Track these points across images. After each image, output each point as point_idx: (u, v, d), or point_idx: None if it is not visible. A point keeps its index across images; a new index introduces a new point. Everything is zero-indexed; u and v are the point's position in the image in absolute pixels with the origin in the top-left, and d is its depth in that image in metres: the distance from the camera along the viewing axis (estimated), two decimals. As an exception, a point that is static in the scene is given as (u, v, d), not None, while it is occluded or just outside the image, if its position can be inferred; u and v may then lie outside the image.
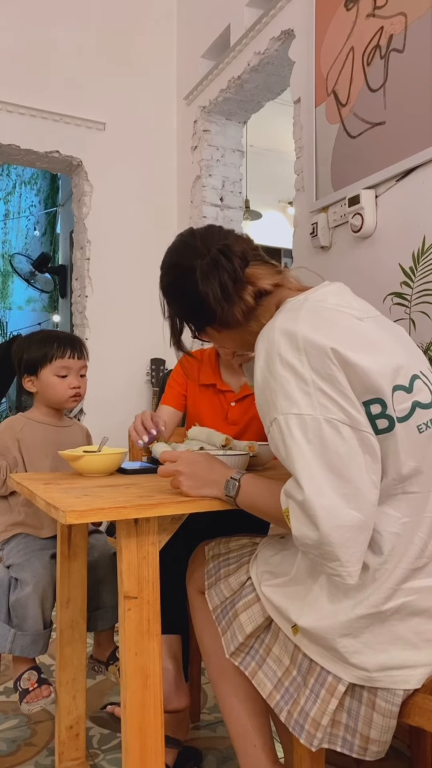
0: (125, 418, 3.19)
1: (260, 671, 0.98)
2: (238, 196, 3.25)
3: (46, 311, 7.55)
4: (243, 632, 1.00)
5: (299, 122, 2.34)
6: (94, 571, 1.46)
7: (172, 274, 1.11)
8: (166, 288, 1.13)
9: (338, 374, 0.84)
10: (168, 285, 1.12)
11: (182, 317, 1.13)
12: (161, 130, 3.41)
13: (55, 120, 3.12)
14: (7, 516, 1.55)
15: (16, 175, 7.31)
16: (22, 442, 1.56)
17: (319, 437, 0.82)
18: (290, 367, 0.85)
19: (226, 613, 1.05)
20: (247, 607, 1.02)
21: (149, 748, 0.97)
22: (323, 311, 0.93)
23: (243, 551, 1.12)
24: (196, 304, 1.05)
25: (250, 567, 1.06)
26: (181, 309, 1.11)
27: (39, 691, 1.37)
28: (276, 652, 0.98)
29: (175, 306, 1.12)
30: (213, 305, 1.03)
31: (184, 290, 1.07)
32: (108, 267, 3.25)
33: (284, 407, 0.85)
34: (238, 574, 1.07)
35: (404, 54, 1.79)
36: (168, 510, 0.95)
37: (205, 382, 1.75)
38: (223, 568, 1.11)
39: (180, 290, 1.09)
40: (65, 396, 1.57)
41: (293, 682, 0.94)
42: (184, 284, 1.06)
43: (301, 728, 0.90)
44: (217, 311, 1.03)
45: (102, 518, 0.90)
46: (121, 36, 3.30)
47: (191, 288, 1.04)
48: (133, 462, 1.77)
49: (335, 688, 0.88)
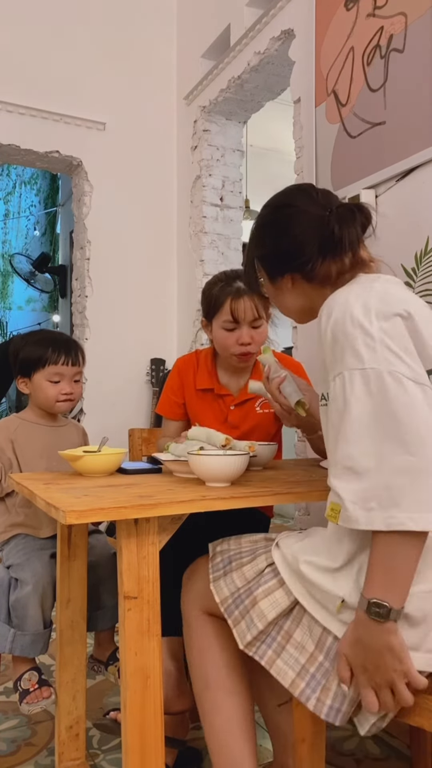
0: (125, 418, 3.20)
1: (279, 659, 0.97)
2: (238, 196, 3.25)
3: (46, 311, 7.55)
4: (264, 619, 0.98)
5: (299, 122, 2.34)
6: (94, 571, 1.46)
7: (283, 212, 1.10)
8: (268, 223, 1.12)
9: (406, 335, 0.88)
10: (273, 222, 1.11)
11: (268, 258, 1.12)
12: (161, 130, 3.41)
13: (55, 120, 3.12)
14: (6, 517, 1.55)
15: (16, 175, 7.32)
16: (16, 443, 1.56)
17: (381, 389, 0.84)
18: (360, 327, 0.88)
19: (241, 603, 1.02)
20: (268, 593, 1.00)
21: (149, 749, 0.97)
22: (397, 286, 0.98)
23: (257, 546, 1.10)
24: (296, 247, 1.05)
25: (273, 553, 1.04)
26: (273, 249, 1.10)
27: (39, 692, 1.37)
28: (297, 638, 0.97)
29: (268, 244, 1.11)
30: (316, 252, 1.03)
31: (289, 230, 1.06)
32: (108, 267, 3.25)
33: (350, 363, 0.87)
34: (254, 563, 1.05)
35: (404, 54, 1.79)
36: (168, 510, 0.95)
37: (201, 387, 1.71)
38: (234, 561, 1.08)
39: (284, 229, 1.08)
40: (54, 401, 1.57)
41: (320, 667, 0.93)
42: (291, 224, 1.06)
43: (337, 712, 0.90)
44: (315, 260, 1.04)
45: (102, 518, 0.90)
46: (121, 36, 3.30)
47: (299, 230, 1.05)
48: (133, 462, 1.77)
49: None
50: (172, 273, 3.42)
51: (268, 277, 1.13)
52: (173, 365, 1.79)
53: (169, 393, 1.75)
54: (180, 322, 3.39)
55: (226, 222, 3.21)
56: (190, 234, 3.26)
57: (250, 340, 1.56)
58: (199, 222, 3.17)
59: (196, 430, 1.35)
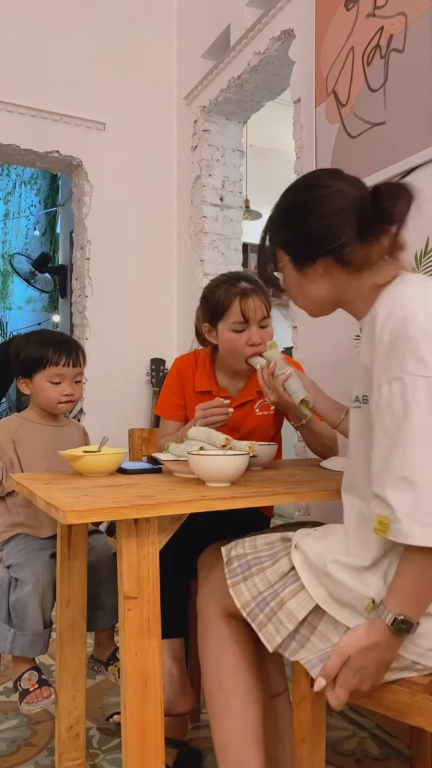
0: (125, 418, 3.20)
1: (303, 650, 0.97)
2: (238, 196, 3.25)
3: (46, 311, 7.55)
4: (294, 619, 0.97)
5: (299, 122, 2.34)
6: (94, 571, 1.46)
7: (314, 193, 1.02)
8: (298, 205, 1.04)
9: None
10: (304, 203, 1.03)
11: (298, 243, 1.04)
12: (161, 130, 3.41)
13: (55, 120, 3.12)
14: (6, 516, 1.55)
15: (16, 175, 7.32)
16: (17, 442, 1.56)
17: None
18: (423, 331, 0.84)
19: (266, 605, 1.00)
20: (294, 593, 0.98)
21: (149, 749, 0.97)
22: None
23: (275, 548, 1.08)
24: (332, 228, 0.98)
25: (293, 556, 1.02)
26: (305, 232, 1.02)
27: (39, 691, 1.37)
28: (322, 629, 0.97)
29: (297, 228, 1.03)
30: (354, 234, 0.97)
31: (323, 211, 0.99)
32: (108, 267, 3.25)
33: (412, 368, 0.83)
34: (277, 567, 1.03)
35: (404, 54, 1.79)
36: (168, 510, 0.95)
37: (200, 389, 1.69)
38: (254, 566, 1.06)
39: (318, 210, 1.00)
40: (55, 402, 1.57)
41: None
42: (326, 204, 0.99)
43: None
44: (353, 243, 0.97)
45: (102, 518, 0.90)
46: (121, 36, 3.30)
47: (336, 210, 0.98)
48: (133, 462, 1.77)
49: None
50: (172, 273, 3.42)
51: (296, 264, 1.05)
52: (171, 365, 1.78)
53: (169, 394, 1.73)
54: (180, 322, 3.39)
55: (226, 222, 3.21)
56: (190, 234, 3.26)
57: (260, 340, 1.54)
58: (199, 222, 3.17)
59: (196, 430, 1.35)
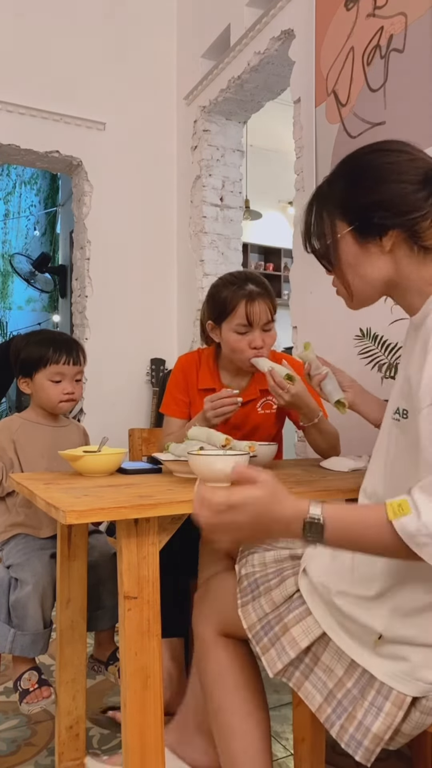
0: (125, 418, 3.20)
1: (307, 681, 0.92)
2: (238, 196, 3.25)
3: (46, 311, 7.55)
4: (297, 647, 0.92)
5: (299, 122, 2.34)
6: (94, 571, 1.46)
7: (386, 156, 0.93)
8: (370, 168, 0.93)
9: None
10: (374, 167, 0.93)
11: (366, 210, 0.91)
12: (161, 130, 3.41)
13: (55, 120, 3.12)
14: (6, 516, 1.55)
15: (16, 175, 7.32)
16: (18, 443, 1.56)
17: None
18: None
19: (270, 629, 0.97)
20: (299, 620, 0.94)
21: (149, 748, 0.97)
22: None
23: (283, 566, 1.04)
24: (408, 196, 0.88)
25: (300, 582, 0.98)
26: (375, 197, 0.90)
27: (39, 691, 1.37)
28: (326, 661, 0.91)
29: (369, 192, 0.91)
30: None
31: (399, 175, 0.90)
32: (108, 267, 3.25)
33: None
34: (282, 587, 0.99)
35: (404, 54, 1.79)
36: (168, 510, 0.95)
37: (204, 387, 1.70)
38: (262, 585, 1.02)
39: (393, 173, 0.90)
40: (57, 401, 1.57)
41: (347, 694, 0.87)
42: (402, 168, 0.90)
43: (358, 744, 0.84)
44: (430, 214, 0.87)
45: (102, 518, 0.90)
46: (121, 36, 3.30)
47: (413, 176, 0.89)
48: (133, 462, 1.77)
49: (403, 700, 0.82)
50: (172, 273, 3.42)
51: (358, 237, 0.93)
52: (175, 363, 1.78)
53: (174, 391, 1.74)
54: (180, 322, 3.39)
55: (226, 222, 3.21)
56: (190, 234, 3.26)
57: (263, 344, 1.55)
58: (199, 222, 3.17)
59: (196, 430, 1.35)
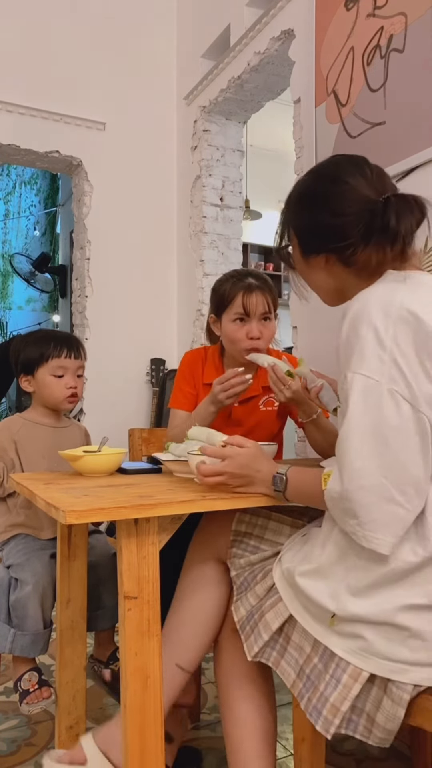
0: (125, 418, 3.20)
1: (283, 660, 0.98)
2: (238, 196, 3.25)
3: (46, 311, 7.55)
4: (269, 629, 0.99)
5: (299, 122, 2.34)
6: (94, 571, 1.46)
7: (330, 186, 1.01)
8: (311, 194, 1.05)
9: (420, 352, 0.83)
10: (317, 194, 1.03)
11: (305, 232, 1.05)
12: (161, 130, 3.41)
13: (55, 120, 3.12)
14: (6, 517, 1.55)
15: (16, 175, 7.32)
16: (19, 443, 1.55)
17: (377, 404, 0.83)
18: (374, 331, 0.85)
19: (251, 618, 1.03)
20: (273, 605, 1.00)
21: (149, 748, 0.97)
22: (426, 288, 0.92)
23: (267, 562, 1.10)
24: (338, 227, 0.98)
25: (274, 572, 1.04)
26: (312, 223, 1.03)
27: (39, 692, 1.38)
28: (296, 640, 0.96)
29: (306, 217, 1.04)
30: (359, 237, 0.96)
31: (333, 208, 0.99)
32: (108, 267, 3.25)
33: (355, 365, 0.86)
34: (264, 581, 1.05)
35: (404, 54, 1.79)
36: (168, 510, 0.95)
37: (208, 381, 1.70)
38: (251, 581, 1.08)
39: (329, 205, 1.00)
40: (61, 396, 1.56)
41: (314, 669, 0.92)
42: (337, 201, 0.99)
43: (318, 714, 0.88)
44: (357, 245, 0.96)
45: (102, 518, 0.90)
46: (121, 36, 3.30)
47: (346, 210, 0.97)
48: (133, 462, 1.77)
49: (359, 674, 0.86)
50: (172, 273, 3.42)
51: (301, 252, 1.07)
52: (182, 358, 1.80)
53: (182, 385, 1.75)
54: (180, 322, 3.39)
55: (226, 222, 3.21)
56: (190, 234, 3.26)
57: (260, 335, 1.58)
58: (199, 222, 3.17)
59: (196, 430, 1.35)
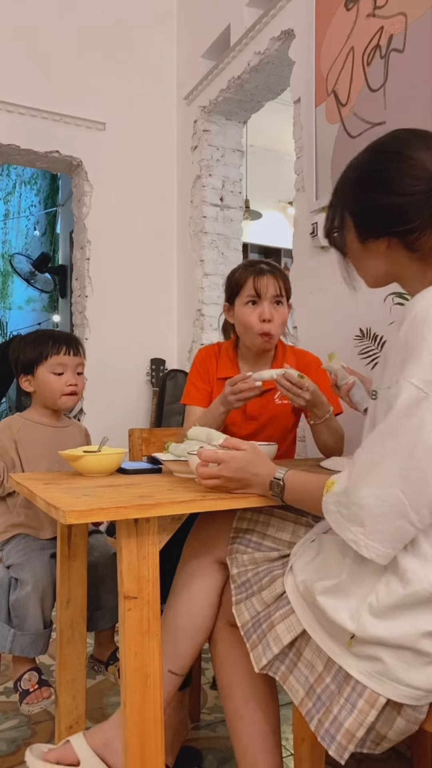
0: (125, 418, 3.20)
1: (291, 676, 0.94)
2: (238, 196, 3.25)
3: (46, 311, 7.55)
4: (280, 643, 0.95)
5: (299, 122, 2.34)
6: (94, 571, 1.46)
7: (394, 163, 0.93)
8: (373, 173, 0.95)
9: None
10: (380, 172, 0.94)
11: (365, 215, 0.96)
12: (161, 130, 3.41)
13: (55, 120, 3.12)
14: (6, 517, 1.55)
15: (16, 175, 7.31)
16: (19, 443, 1.55)
17: (419, 417, 0.78)
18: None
19: (259, 626, 0.99)
20: (284, 617, 0.96)
21: (149, 749, 0.97)
22: None
23: (273, 566, 1.06)
24: (404, 209, 0.90)
25: (285, 580, 1.00)
26: (374, 206, 0.94)
27: (39, 692, 1.37)
28: (308, 656, 0.93)
29: (368, 199, 0.95)
30: (428, 219, 0.89)
31: (398, 187, 0.91)
32: (108, 267, 3.25)
33: (409, 372, 0.80)
34: (272, 588, 1.01)
35: (404, 54, 1.79)
36: (168, 510, 0.95)
37: (222, 376, 1.70)
38: (255, 584, 1.04)
39: (393, 185, 0.91)
40: (60, 393, 1.57)
41: (326, 689, 0.88)
42: (403, 180, 0.90)
43: (331, 739, 0.84)
44: (424, 229, 0.89)
45: (102, 518, 0.90)
46: (121, 36, 3.30)
47: (412, 189, 0.89)
48: (133, 462, 1.76)
49: (376, 699, 0.82)
50: (172, 273, 3.42)
51: (359, 236, 0.98)
52: (195, 355, 1.79)
53: (195, 381, 1.75)
54: (180, 322, 3.39)
55: (226, 222, 3.21)
56: (190, 234, 3.26)
57: (271, 317, 1.59)
58: (199, 222, 3.17)
59: (196, 430, 1.35)
